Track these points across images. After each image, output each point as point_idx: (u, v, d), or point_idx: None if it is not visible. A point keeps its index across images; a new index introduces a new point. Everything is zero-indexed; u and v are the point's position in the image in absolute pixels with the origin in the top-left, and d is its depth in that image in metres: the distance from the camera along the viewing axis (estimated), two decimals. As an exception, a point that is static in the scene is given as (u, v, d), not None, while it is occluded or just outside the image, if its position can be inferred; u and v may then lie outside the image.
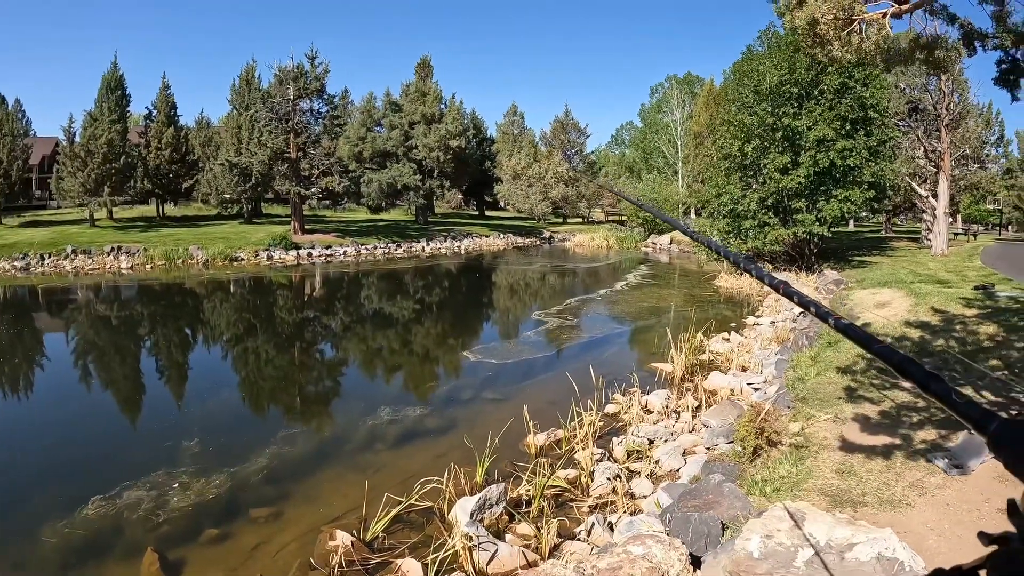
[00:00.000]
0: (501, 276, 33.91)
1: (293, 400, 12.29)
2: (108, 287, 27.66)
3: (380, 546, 6.33)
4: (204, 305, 23.59)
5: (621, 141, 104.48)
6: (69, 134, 40.73)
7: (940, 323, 12.64)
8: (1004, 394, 8.44)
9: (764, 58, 27.72)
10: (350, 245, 41.02)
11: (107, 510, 7.08)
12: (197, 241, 36.98)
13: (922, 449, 6.78)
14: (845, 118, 24.17)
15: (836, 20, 4.52)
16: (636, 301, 23.20)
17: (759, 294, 23.25)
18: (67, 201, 41.85)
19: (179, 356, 16.12)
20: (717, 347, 14.29)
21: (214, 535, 6.64)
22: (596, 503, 6.98)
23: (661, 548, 4.17)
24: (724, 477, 6.08)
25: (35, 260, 32.66)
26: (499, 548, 5.75)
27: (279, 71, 41.70)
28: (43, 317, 21.56)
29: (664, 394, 10.47)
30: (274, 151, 40.76)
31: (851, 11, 4.55)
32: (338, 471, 8.27)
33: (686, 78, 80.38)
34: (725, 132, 28.03)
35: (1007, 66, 6.73)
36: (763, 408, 7.39)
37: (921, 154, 29.85)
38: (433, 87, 53.76)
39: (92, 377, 14.01)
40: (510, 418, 9.07)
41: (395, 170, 52.17)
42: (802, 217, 25.12)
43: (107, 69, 43.52)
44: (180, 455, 8.62)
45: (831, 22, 4.53)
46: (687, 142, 65.84)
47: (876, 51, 4.91)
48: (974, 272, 20.04)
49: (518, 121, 70.81)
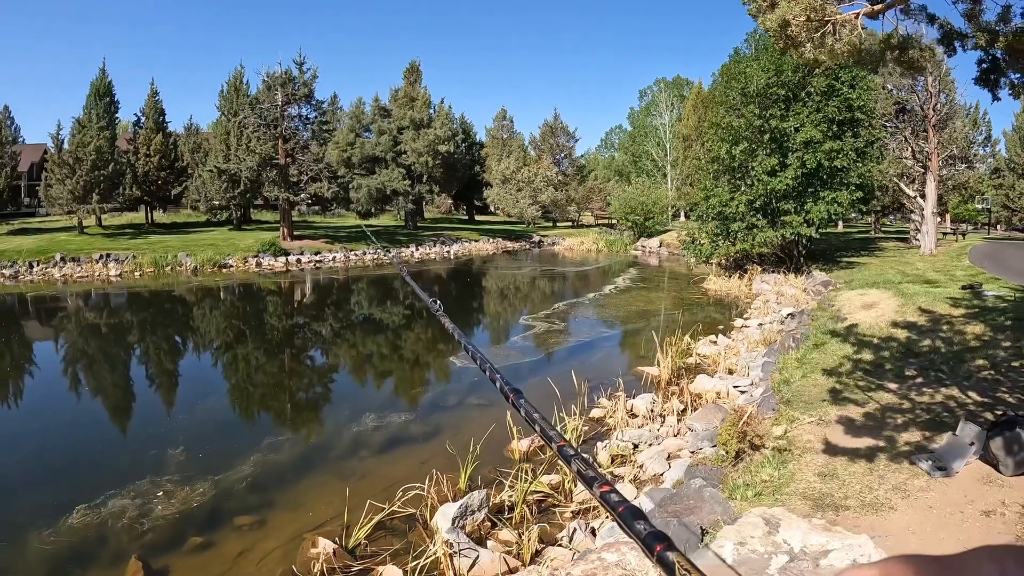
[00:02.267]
0: (490, 281, 33.87)
1: (279, 407, 12.22)
2: (97, 295, 27.50)
3: (362, 553, 6.31)
4: (193, 312, 23.48)
5: (610, 145, 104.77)
6: (57, 141, 40.55)
7: (927, 323, 12.67)
8: (990, 394, 8.45)
9: (751, 60, 27.84)
10: (339, 251, 40.92)
11: (92, 518, 7.07)
12: (186, 248, 36.83)
13: (906, 451, 6.78)
14: (832, 120, 24.29)
15: (809, 22, 4.52)
16: (624, 305, 23.19)
17: (747, 296, 23.29)
18: (56, 208, 41.61)
19: (166, 363, 16.04)
20: (704, 350, 14.29)
21: (198, 543, 6.64)
22: (579, 508, 6.95)
23: (636, 555, 4.15)
24: (705, 482, 6.06)
25: (24, 268, 32.51)
26: (480, 554, 5.72)
27: (267, 77, 41.64)
28: (32, 325, 21.42)
29: (650, 398, 10.45)
30: (263, 157, 40.67)
31: (823, 12, 4.55)
32: (322, 478, 8.24)
33: (675, 81, 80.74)
34: (713, 135, 28.13)
35: (987, 65, 6.75)
36: (745, 411, 7.38)
37: (909, 155, 29.95)
38: (422, 92, 53.74)
39: (79, 385, 13.92)
40: (493, 424, 9.05)
41: (384, 175, 52.08)
42: (790, 219, 25.19)
43: (95, 76, 43.42)
44: (165, 463, 8.60)
45: (803, 24, 4.52)
46: (676, 145, 66.15)
47: (849, 52, 4.90)
48: (962, 272, 20.11)
49: (507, 125, 70.84)
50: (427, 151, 51.53)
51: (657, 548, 0.76)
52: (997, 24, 5.41)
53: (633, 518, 0.83)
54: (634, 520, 0.83)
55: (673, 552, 0.74)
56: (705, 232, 29.24)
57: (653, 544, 0.77)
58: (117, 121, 45.15)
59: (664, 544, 0.76)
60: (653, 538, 0.78)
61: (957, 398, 8.40)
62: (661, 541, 0.76)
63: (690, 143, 54.11)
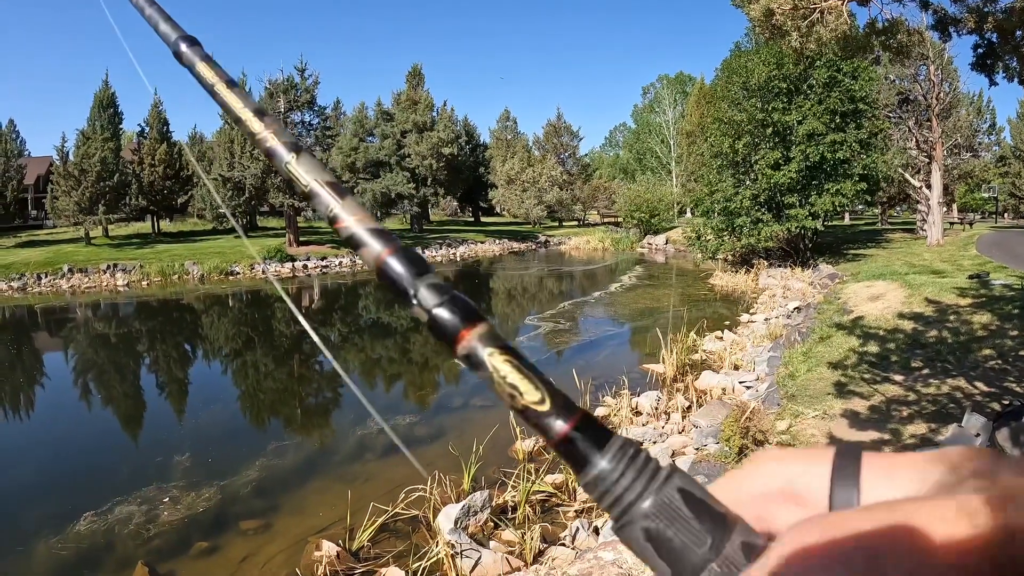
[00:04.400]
0: (497, 281, 33.85)
1: (285, 412, 12.27)
2: (105, 305, 27.64)
3: (365, 555, 6.33)
4: (200, 320, 23.59)
5: (615, 143, 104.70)
6: (62, 153, 40.75)
7: (934, 314, 12.60)
8: (997, 384, 8.39)
9: (752, 54, 27.75)
10: (345, 256, 40.96)
11: (99, 525, 7.11)
12: (193, 256, 36.94)
13: (911, 444, 6.74)
14: (835, 111, 24.21)
15: (795, 10, 4.48)
16: (630, 302, 23.15)
17: (754, 291, 23.22)
18: (62, 220, 41.76)
19: (174, 370, 16.11)
20: (710, 346, 14.24)
21: (203, 548, 6.67)
22: (583, 507, 6.93)
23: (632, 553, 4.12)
24: (707, 479, 6.01)
25: (32, 280, 32.62)
26: (482, 555, 5.71)
27: (269, 84, 41.76)
28: (41, 336, 21.55)
29: (654, 395, 10.41)
30: (267, 164, 40.62)
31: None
32: (326, 482, 8.25)
33: (678, 77, 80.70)
34: (716, 130, 28.05)
35: (983, 50, 6.69)
36: (748, 407, 7.35)
37: (913, 145, 29.82)
38: (424, 95, 53.78)
39: (88, 393, 14.02)
40: (497, 424, 9.04)
41: (388, 179, 52.12)
42: (795, 212, 25.12)
43: (99, 87, 43.61)
44: (172, 469, 8.65)
45: (788, 12, 4.48)
46: (680, 141, 66.01)
47: (835, 40, 4.86)
48: (969, 261, 20.01)
49: (511, 126, 70.76)
50: (431, 154, 51.56)
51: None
52: (986, 4, 5.36)
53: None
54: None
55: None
56: (710, 228, 29.17)
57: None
58: (121, 132, 45.28)
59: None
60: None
61: (964, 389, 8.34)
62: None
63: (694, 139, 53.95)
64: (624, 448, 0.37)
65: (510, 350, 0.40)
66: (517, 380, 0.39)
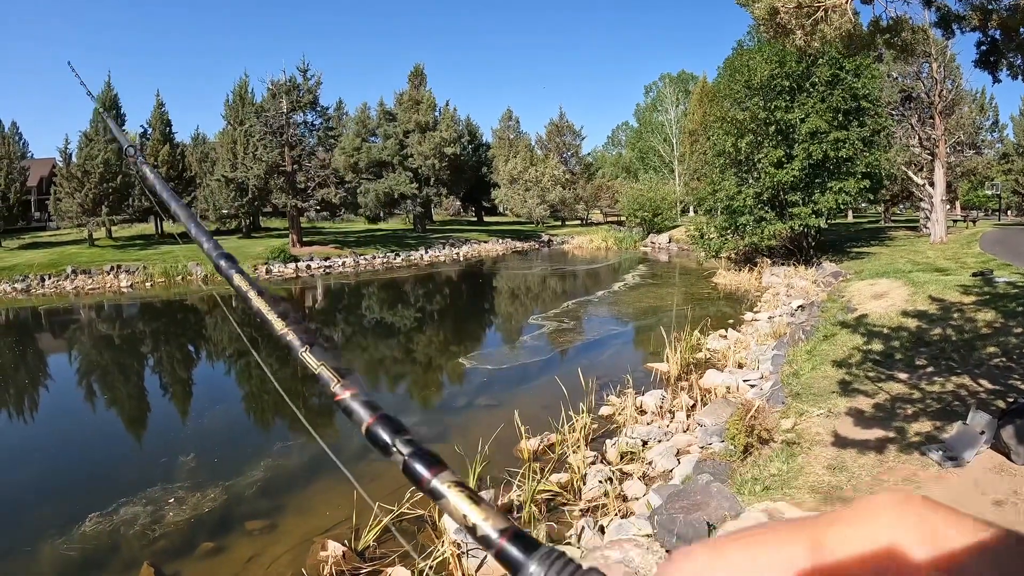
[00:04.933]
0: (500, 281, 33.84)
1: (289, 412, 12.23)
2: (109, 306, 27.70)
3: (371, 555, 6.34)
4: (204, 320, 23.60)
5: (617, 142, 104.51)
6: (65, 155, 40.85)
7: (937, 312, 12.56)
8: (1002, 382, 8.37)
9: (754, 52, 27.68)
10: (348, 256, 40.98)
11: (104, 526, 7.14)
12: (196, 257, 36.86)
13: (916, 442, 6.72)
14: (837, 109, 24.17)
15: (799, 8, 4.48)
16: (634, 301, 23.13)
17: (757, 290, 23.19)
18: (66, 222, 41.91)
19: (178, 371, 16.14)
20: (714, 344, 14.23)
21: (209, 548, 6.70)
22: (588, 506, 6.94)
23: (639, 552, 4.12)
24: (712, 477, 6.02)
25: (36, 281, 32.68)
26: (488, 555, 5.70)
27: (272, 85, 41.76)
28: (45, 338, 21.60)
29: (659, 394, 10.41)
30: (270, 165, 40.78)
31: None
32: (331, 482, 8.24)
33: (680, 76, 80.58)
34: (718, 128, 28.00)
35: (986, 47, 6.68)
36: (753, 405, 7.34)
37: (916, 142, 29.75)
38: (427, 95, 53.76)
39: (92, 395, 14.07)
40: (502, 423, 9.05)
41: (391, 179, 52.13)
42: (798, 211, 25.09)
43: (101, 89, 43.69)
44: (177, 470, 8.69)
45: (793, 11, 4.48)
46: (682, 140, 65.88)
47: (840, 38, 4.86)
48: (973, 258, 19.96)
49: (513, 126, 70.67)
50: (433, 153, 51.57)
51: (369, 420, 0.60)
52: (990, 2, 5.35)
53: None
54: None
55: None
56: (714, 226, 29.13)
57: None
58: (124, 133, 45.30)
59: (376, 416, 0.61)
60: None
61: (968, 386, 8.33)
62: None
63: (696, 138, 53.87)
64: (549, 553, 0.44)
65: (463, 485, 0.52)
66: (467, 506, 0.50)
